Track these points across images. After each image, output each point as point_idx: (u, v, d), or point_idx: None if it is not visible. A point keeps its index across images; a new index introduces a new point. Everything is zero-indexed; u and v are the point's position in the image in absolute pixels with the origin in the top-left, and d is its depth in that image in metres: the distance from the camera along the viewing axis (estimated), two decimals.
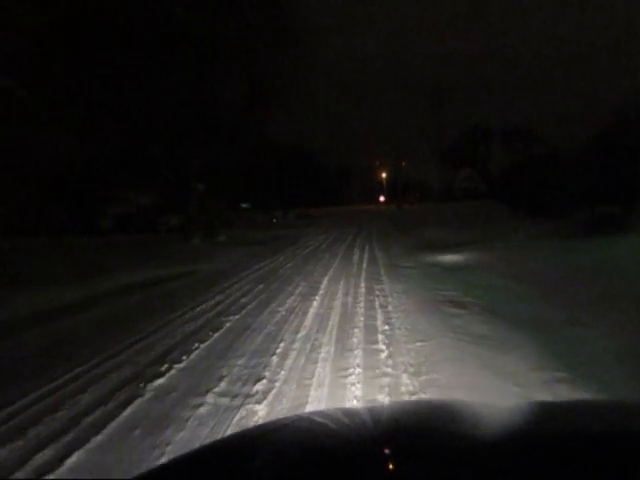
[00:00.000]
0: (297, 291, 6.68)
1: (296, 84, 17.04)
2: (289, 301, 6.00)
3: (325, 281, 7.42)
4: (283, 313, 5.36)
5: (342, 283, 7.20)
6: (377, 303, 5.68)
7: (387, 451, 0.77)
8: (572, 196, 27.99)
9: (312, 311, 5.41)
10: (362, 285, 6.97)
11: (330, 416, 1.03)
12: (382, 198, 63.08)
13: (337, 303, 5.80)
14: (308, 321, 4.95)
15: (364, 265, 9.24)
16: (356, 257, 10.68)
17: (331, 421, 0.97)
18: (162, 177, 15.11)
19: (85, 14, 11.84)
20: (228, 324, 4.95)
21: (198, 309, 5.72)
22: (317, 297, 6.19)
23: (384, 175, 62.75)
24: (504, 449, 0.74)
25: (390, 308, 5.39)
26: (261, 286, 7.23)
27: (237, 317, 5.25)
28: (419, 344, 3.98)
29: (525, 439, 0.79)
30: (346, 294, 6.33)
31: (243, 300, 6.20)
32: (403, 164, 53.89)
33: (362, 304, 5.67)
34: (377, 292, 6.41)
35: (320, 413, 1.16)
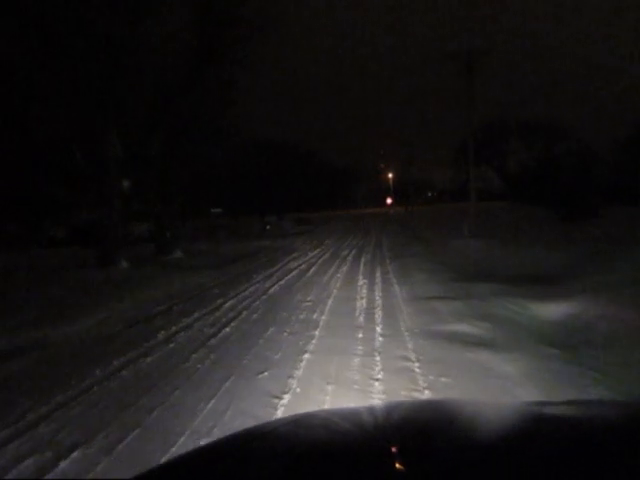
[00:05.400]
0: None
1: (262, 42, 12.31)
2: None
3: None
4: None
5: None
6: None
7: (394, 450, 0.73)
8: (615, 195, 23.11)
9: None
10: None
11: (333, 415, 0.99)
12: (389, 200, 58.10)
13: None
14: None
15: (376, 342, 4.33)
16: (359, 305, 5.79)
17: (334, 420, 0.94)
18: (77, 167, 10.26)
19: None
20: None
21: None
22: None
23: (390, 176, 57.95)
24: (509, 448, 0.73)
25: None
26: (99, 466, 2.39)
27: None
28: None
29: (528, 439, 0.77)
30: None
31: None
32: (411, 163, 48.97)
33: None
34: None
35: (323, 412, 1.13)
